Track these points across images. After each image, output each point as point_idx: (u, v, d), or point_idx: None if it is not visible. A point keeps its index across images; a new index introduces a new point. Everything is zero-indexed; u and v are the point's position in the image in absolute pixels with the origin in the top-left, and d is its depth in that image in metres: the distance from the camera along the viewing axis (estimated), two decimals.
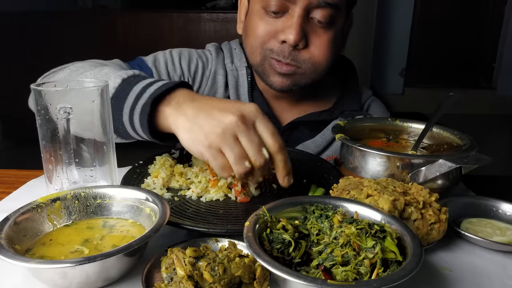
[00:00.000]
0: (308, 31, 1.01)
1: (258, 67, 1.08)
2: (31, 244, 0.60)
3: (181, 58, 1.18)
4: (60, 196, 0.67)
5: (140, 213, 0.68)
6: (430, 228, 0.64)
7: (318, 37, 1.02)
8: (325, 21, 0.99)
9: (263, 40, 1.03)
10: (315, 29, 1.01)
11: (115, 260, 0.55)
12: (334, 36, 1.04)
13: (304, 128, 1.19)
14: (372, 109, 1.26)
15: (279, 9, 0.99)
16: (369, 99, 1.27)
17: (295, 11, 0.97)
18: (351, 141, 0.84)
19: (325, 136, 1.17)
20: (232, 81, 1.17)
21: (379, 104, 1.29)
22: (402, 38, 4.92)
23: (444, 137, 0.93)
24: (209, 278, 0.52)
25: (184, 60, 1.17)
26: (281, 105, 1.20)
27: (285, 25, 0.99)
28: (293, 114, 1.20)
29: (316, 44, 1.02)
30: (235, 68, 1.19)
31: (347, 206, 0.64)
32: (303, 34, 0.99)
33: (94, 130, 0.72)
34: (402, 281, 0.47)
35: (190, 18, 3.43)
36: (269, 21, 1.02)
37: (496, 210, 0.78)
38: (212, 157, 0.69)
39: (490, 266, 0.65)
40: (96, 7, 4.15)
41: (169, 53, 1.18)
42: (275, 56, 1.03)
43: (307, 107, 1.20)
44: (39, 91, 0.67)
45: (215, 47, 1.23)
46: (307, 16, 0.99)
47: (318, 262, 0.54)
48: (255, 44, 1.05)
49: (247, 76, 1.17)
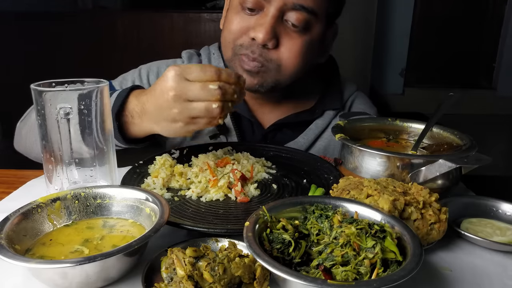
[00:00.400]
0: (281, 32, 0.99)
1: (229, 63, 1.08)
2: (31, 244, 0.60)
3: (149, 74, 1.18)
4: (60, 196, 0.67)
5: (140, 213, 0.68)
6: (430, 228, 0.64)
7: (290, 40, 1.00)
8: (299, 25, 0.98)
9: (235, 36, 1.03)
10: (288, 32, 1.00)
11: (115, 260, 0.55)
12: (309, 43, 1.02)
13: (287, 130, 1.18)
14: (355, 105, 1.24)
15: (255, 6, 0.98)
16: (353, 95, 1.25)
17: (269, 11, 0.97)
18: (351, 141, 0.84)
19: (307, 137, 1.16)
20: None
21: (364, 100, 1.27)
22: (402, 38, 4.92)
23: (444, 137, 0.93)
24: (209, 278, 0.52)
25: (152, 75, 1.18)
26: (262, 107, 1.19)
27: (257, 23, 0.98)
28: (275, 115, 1.18)
29: (287, 46, 1.00)
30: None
31: (347, 206, 0.64)
32: (274, 35, 0.98)
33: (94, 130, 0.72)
34: (402, 281, 0.47)
35: (190, 18, 3.43)
36: (244, 17, 1.01)
37: (496, 210, 0.78)
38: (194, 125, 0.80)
39: (490, 266, 0.65)
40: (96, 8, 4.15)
41: (137, 72, 1.19)
42: (244, 51, 1.02)
43: (288, 108, 1.19)
44: (39, 91, 0.67)
45: (188, 54, 1.23)
46: (281, 18, 0.98)
47: (318, 262, 0.54)
48: (228, 38, 1.05)
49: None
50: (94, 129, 0.72)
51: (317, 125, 1.17)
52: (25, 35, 3.43)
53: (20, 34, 3.44)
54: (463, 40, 5.17)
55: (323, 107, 1.18)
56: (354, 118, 1.02)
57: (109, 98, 0.74)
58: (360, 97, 1.26)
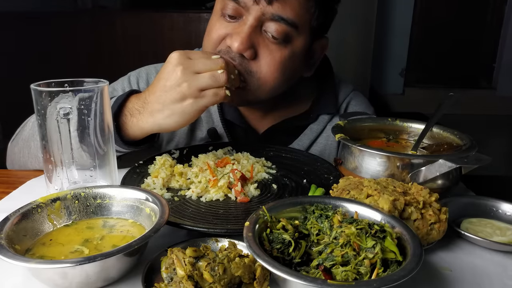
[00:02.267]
0: (259, 43, 0.95)
1: None
2: (31, 244, 0.60)
3: (138, 80, 1.17)
4: (60, 196, 0.67)
5: (140, 213, 0.68)
6: (430, 228, 0.64)
7: (269, 52, 0.95)
8: (278, 36, 0.93)
9: (214, 43, 0.99)
10: (267, 43, 0.95)
11: (115, 260, 0.55)
12: (289, 56, 0.97)
13: (281, 135, 1.16)
14: (352, 107, 1.21)
15: (234, 14, 0.95)
16: (349, 96, 1.22)
17: (247, 19, 0.93)
18: (351, 141, 0.84)
19: (302, 142, 1.15)
20: None
21: (360, 100, 1.23)
22: (402, 38, 4.92)
23: (444, 137, 0.93)
24: (209, 278, 0.52)
25: (142, 81, 1.17)
26: (255, 114, 1.16)
27: (235, 31, 0.95)
28: (268, 121, 1.16)
29: (265, 58, 0.95)
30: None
31: (347, 206, 0.64)
32: (251, 45, 0.93)
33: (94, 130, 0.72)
34: (402, 281, 0.47)
35: (190, 18, 3.43)
36: (223, 24, 0.98)
37: (496, 210, 0.78)
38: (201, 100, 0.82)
39: (490, 266, 0.65)
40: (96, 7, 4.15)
41: (127, 79, 1.18)
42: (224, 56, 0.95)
43: (282, 113, 1.16)
44: (39, 91, 0.67)
45: None
46: (260, 28, 0.94)
47: (318, 262, 0.54)
48: (207, 45, 1.02)
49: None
50: (94, 129, 0.72)
51: (311, 130, 1.16)
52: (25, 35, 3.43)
53: (20, 34, 3.44)
54: (463, 40, 5.17)
55: (318, 111, 1.16)
56: (354, 118, 1.02)
57: (109, 98, 0.74)
58: (356, 98, 1.23)
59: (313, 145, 1.17)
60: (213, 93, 0.82)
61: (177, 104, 0.82)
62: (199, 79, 0.81)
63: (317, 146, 1.17)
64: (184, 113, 0.83)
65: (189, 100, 0.81)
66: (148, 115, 0.84)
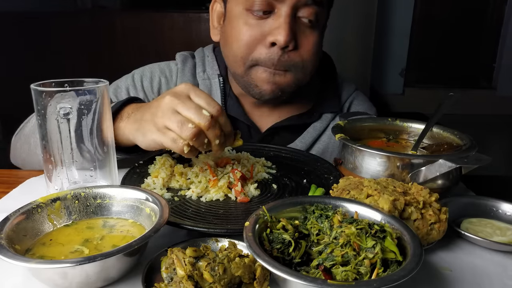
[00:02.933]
0: (297, 31, 0.96)
1: (242, 78, 1.03)
2: (31, 244, 0.60)
3: (142, 79, 1.17)
4: (60, 196, 0.67)
5: (140, 213, 0.68)
6: (430, 228, 0.64)
7: (306, 37, 0.98)
8: (313, 19, 0.96)
9: (248, 48, 0.97)
10: (303, 29, 0.97)
11: (115, 260, 0.55)
12: (320, 35, 1.02)
13: (285, 133, 1.15)
14: (354, 106, 1.22)
15: (265, 8, 0.93)
16: (351, 95, 1.23)
17: (282, 10, 0.93)
18: (351, 141, 0.84)
19: (304, 140, 1.15)
20: (204, 90, 1.13)
21: (363, 100, 1.24)
22: (402, 38, 4.92)
23: (444, 137, 0.93)
24: (209, 278, 0.52)
25: (145, 80, 1.17)
26: (259, 111, 1.16)
27: (273, 26, 0.94)
28: (272, 119, 1.15)
29: (305, 45, 0.98)
30: (207, 77, 1.15)
31: (347, 206, 0.64)
32: (293, 35, 0.94)
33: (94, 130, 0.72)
34: (402, 281, 0.47)
35: (190, 18, 3.43)
36: (253, 23, 0.95)
37: (496, 210, 0.78)
38: (162, 135, 0.73)
39: (490, 266, 0.65)
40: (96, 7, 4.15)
41: (131, 77, 1.17)
42: (262, 65, 0.98)
43: (286, 111, 1.16)
44: (39, 91, 0.67)
45: (182, 57, 1.20)
46: (295, 16, 0.95)
47: (318, 262, 0.54)
48: (240, 53, 0.98)
49: (219, 84, 1.13)
50: (94, 129, 0.72)
51: (315, 128, 1.16)
52: (25, 35, 3.43)
53: (20, 34, 3.44)
54: (463, 40, 5.17)
55: (321, 110, 1.16)
56: (354, 118, 1.02)
57: (109, 98, 0.74)
58: (359, 97, 1.24)
59: (316, 143, 1.17)
60: (172, 138, 0.72)
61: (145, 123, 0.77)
62: (170, 117, 0.72)
63: (320, 144, 1.17)
64: (144, 135, 0.77)
65: (153, 128, 0.75)
66: (132, 122, 0.82)
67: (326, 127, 1.17)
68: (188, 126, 0.71)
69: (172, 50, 1.30)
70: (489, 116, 4.87)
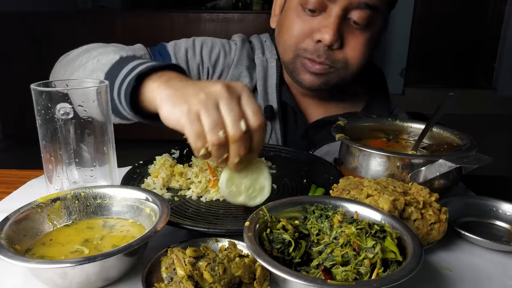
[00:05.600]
0: (344, 31, 1.00)
1: (290, 64, 1.08)
2: (31, 244, 0.60)
3: (203, 46, 1.17)
4: (60, 196, 0.67)
5: (140, 213, 0.68)
6: (430, 228, 0.64)
7: (354, 38, 1.01)
8: (362, 22, 0.98)
9: (298, 39, 1.03)
10: (352, 30, 1.00)
11: (115, 260, 0.55)
12: (370, 38, 1.03)
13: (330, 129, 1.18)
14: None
15: (317, 7, 0.98)
16: (395, 109, 1.28)
17: (333, 11, 0.97)
18: (351, 141, 0.84)
19: None
20: (261, 72, 1.16)
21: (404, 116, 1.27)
22: (402, 38, 4.93)
23: (444, 137, 0.93)
24: (209, 278, 0.52)
25: (206, 48, 1.17)
26: (308, 101, 1.19)
27: (322, 25, 0.98)
28: (319, 112, 1.19)
29: (351, 45, 1.01)
30: (265, 59, 1.18)
31: (347, 206, 0.64)
32: (339, 35, 0.99)
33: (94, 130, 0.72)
34: (402, 281, 0.47)
35: (190, 18, 3.43)
36: (305, 19, 1.01)
37: (496, 210, 0.78)
38: (188, 122, 0.64)
39: (490, 266, 0.65)
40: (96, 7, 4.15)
41: (191, 41, 1.19)
42: (308, 56, 1.02)
43: (333, 108, 1.19)
44: (39, 91, 0.67)
45: (241, 38, 1.22)
46: (345, 17, 0.98)
47: (318, 262, 0.54)
48: (290, 42, 1.05)
49: (277, 69, 1.16)
50: (94, 129, 0.72)
51: None
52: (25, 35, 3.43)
53: (20, 34, 3.44)
54: (463, 40, 5.18)
55: (371, 112, 1.18)
56: (354, 118, 1.02)
57: (109, 98, 0.74)
58: (401, 113, 1.28)
59: None
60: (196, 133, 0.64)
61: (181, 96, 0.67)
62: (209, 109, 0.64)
63: None
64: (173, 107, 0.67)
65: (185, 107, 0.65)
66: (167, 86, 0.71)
67: None
68: (218, 132, 0.63)
69: None
70: (489, 116, 4.87)
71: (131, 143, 0.95)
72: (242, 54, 1.17)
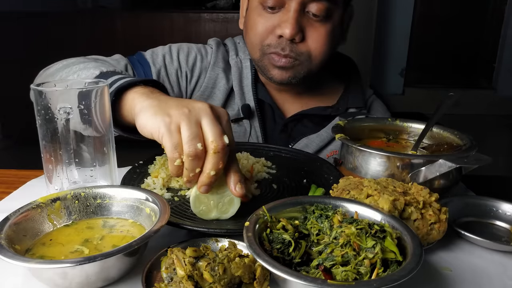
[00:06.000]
0: (305, 24, 1.03)
1: (259, 62, 1.12)
2: (31, 244, 0.60)
3: (179, 52, 1.20)
4: (60, 196, 0.67)
5: (140, 213, 0.68)
6: (430, 228, 0.64)
7: (315, 30, 1.04)
8: (321, 14, 1.02)
9: (261, 37, 1.07)
10: (312, 23, 1.04)
11: (115, 260, 0.55)
12: (332, 29, 1.06)
13: (308, 122, 1.22)
14: (374, 108, 1.28)
15: (276, 4, 1.02)
16: (371, 97, 1.30)
17: (291, 6, 1.01)
18: (351, 141, 0.84)
19: (329, 131, 1.18)
20: (236, 72, 1.20)
21: (380, 104, 1.31)
22: (402, 38, 4.92)
23: (444, 137, 0.93)
24: (209, 278, 0.52)
25: (182, 53, 1.20)
26: (284, 97, 1.22)
27: (282, 20, 1.03)
28: (296, 107, 1.22)
29: (313, 37, 1.05)
30: (239, 60, 1.22)
31: (347, 206, 0.64)
32: (299, 28, 1.02)
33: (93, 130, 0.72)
34: (402, 281, 0.47)
35: (190, 18, 3.43)
36: (266, 16, 1.05)
37: (496, 210, 0.78)
38: (168, 132, 0.64)
39: (490, 266, 0.65)
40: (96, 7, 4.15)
41: (168, 48, 1.21)
42: (273, 50, 1.06)
43: (309, 101, 1.23)
44: (39, 91, 0.67)
45: (216, 41, 1.26)
46: (303, 10, 1.02)
47: (318, 262, 0.54)
48: (255, 40, 1.09)
49: (251, 68, 1.20)
50: (94, 129, 0.72)
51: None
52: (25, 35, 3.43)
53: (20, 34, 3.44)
54: (463, 40, 5.18)
55: (346, 104, 1.22)
56: (354, 118, 1.03)
57: (109, 98, 0.74)
58: (377, 100, 1.31)
59: None
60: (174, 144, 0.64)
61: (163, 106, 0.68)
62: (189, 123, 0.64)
63: None
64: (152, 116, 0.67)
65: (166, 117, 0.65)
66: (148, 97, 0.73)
67: None
68: (196, 145, 0.63)
69: None
70: (489, 116, 4.87)
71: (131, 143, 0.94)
72: (217, 57, 1.21)
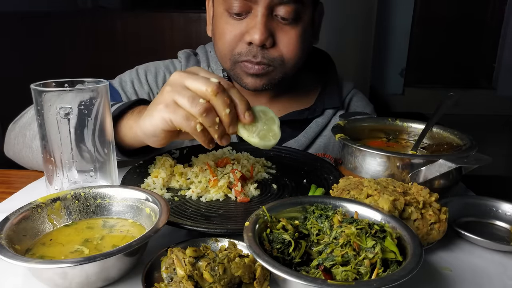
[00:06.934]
0: (274, 29, 1.00)
1: (230, 72, 1.09)
2: (31, 244, 0.60)
3: (147, 74, 1.18)
4: (60, 196, 0.67)
5: (140, 213, 0.68)
6: (430, 228, 0.64)
7: (285, 34, 1.01)
8: (289, 17, 0.98)
9: (230, 45, 1.03)
10: (281, 27, 1.00)
11: (115, 260, 0.55)
12: (302, 31, 1.03)
13: (286, 128, 1.17)
14: (353, 103, 1.25)
15: (242, 10, 0.98)
16: (351, 92, 1.26)
17: (258, 11, 0.97)
18: (351, 141, 0.84)
19: (307, 135, 1.17)
20: None
21: (361, 97, 1.28)
22: (402, 38, 4.93)
23: (444, 137, 0.93)
24: (209, 278, 0.52)
25: (150, 75, 1.18)
26: (260, 101, 1.19)
27: (250, 26, 0.98)
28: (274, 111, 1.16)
29: (284, 41, 1.01)
30: (211, 71, 1.18)
31: (347, 206, 0.64)
32: (269, 33, 0.98)
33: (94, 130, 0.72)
34: (402, 281, 0.47)
35: (190, 18, 3.43)
36: (233, 23, 1.01)
37: (496, 210, 0.78)
38: (171, 113, 0.68)
39: (490, 266, 0.65)
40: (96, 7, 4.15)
41: (135, 72, 1.19)
42: (244, 58, 1.02)
43: (286, 104, 1.19)
44: (39, 91, 0.67)
45: (186, 54, 1.23)
46: (271, 14, 0.98)
47: (318, 262, 0.54)
48: (224, 50, 1.05)
49: (224, 77, 1.16)
50: (94, 129, 0.72)
51: (317, 124, 1.18)
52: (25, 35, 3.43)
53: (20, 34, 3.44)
54: (463, 40, 5.18)
55: (323, 105, 1.19)
56: (354, 118, 1.02)
57: (109, 97, 0.74)
58: (357, 94, 1.27)
59: (318, 138, 1.19)
60: (183, 116, 0.67)
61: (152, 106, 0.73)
62: (180, 91, 0.68)
63: (322, 139, 1.19)
64: (152, 117, 0.71)
65: (161, 106, 0.69)
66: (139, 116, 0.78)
67: (328, 122, 1.19)
68: (199, 101, 0.66)
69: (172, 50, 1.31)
70: (489, 116, 4.87)
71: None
72: None
